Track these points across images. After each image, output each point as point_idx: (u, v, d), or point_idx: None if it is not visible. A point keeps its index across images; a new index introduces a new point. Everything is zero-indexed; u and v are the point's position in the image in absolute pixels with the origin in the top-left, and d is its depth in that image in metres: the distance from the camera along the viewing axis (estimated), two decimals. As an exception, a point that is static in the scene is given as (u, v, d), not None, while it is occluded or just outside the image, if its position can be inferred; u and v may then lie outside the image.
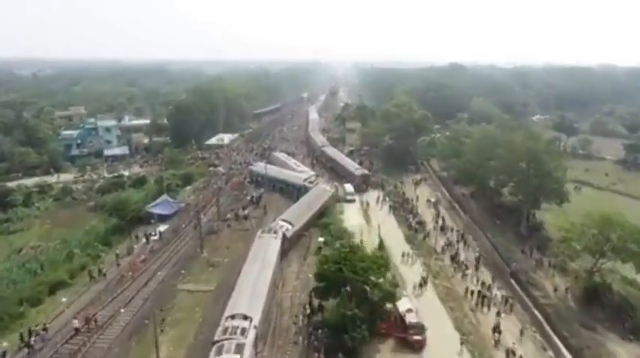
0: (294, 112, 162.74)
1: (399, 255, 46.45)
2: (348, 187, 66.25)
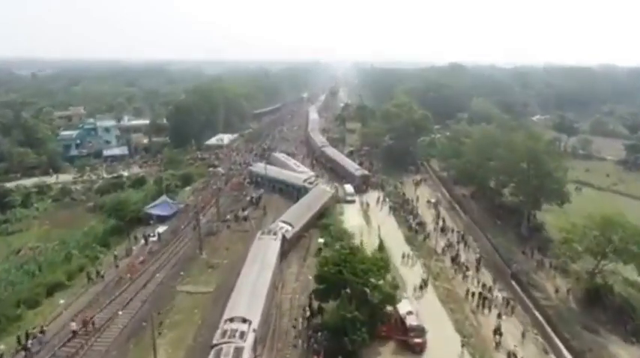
0: (294, 112, 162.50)
1: (399, 256, 46.19)
2: (348, 188, 66.01)
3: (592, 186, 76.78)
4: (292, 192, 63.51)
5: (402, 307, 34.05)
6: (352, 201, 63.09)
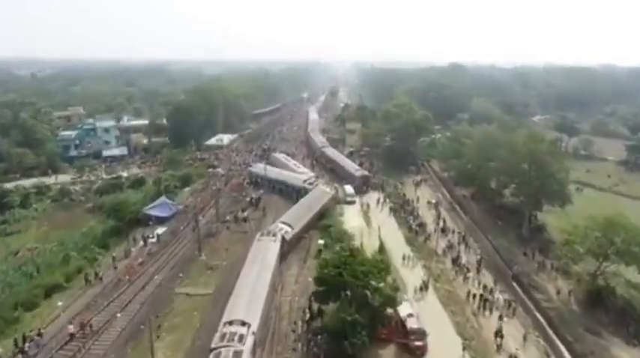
0: (294, 113, 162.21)
1: (399, 257, 45.89)
2: (348, 189, 65.70)
3: (593, 187, 76.51)
4: (292, 193, 63.22)
5: (403, 309, 33.76)
6: (352, 202, 62.77)
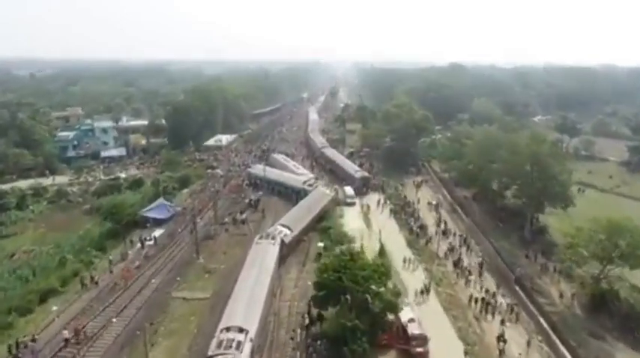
0: (294, 113, 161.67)
1: (400, 260, 45.31)
2: (348, 190, 65.09)
3: (595, 188, 75.75)
4: (291, 195, 62.62)
5: (404, 314, 33.11)
6: (352, 204, 62.17)
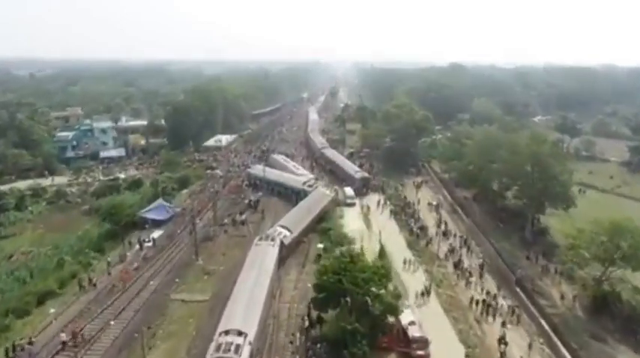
0: (294, 113, 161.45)
1: (400, 261, 45.00)
2: (348, 191, 64.79)
3: (596, 189, 75.44)
4: (291, 195, 62.34)
5: (405, 317, 32.77)
6: (352, 205, 61.87)
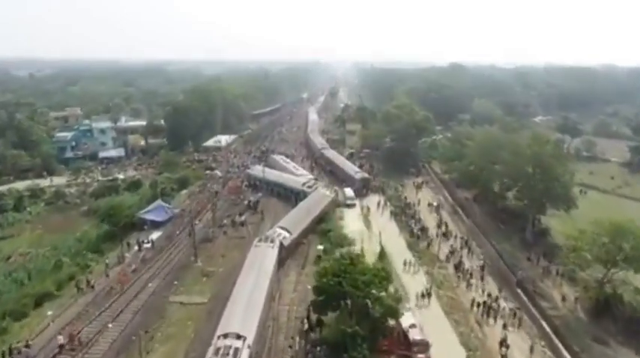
0: (294, 113, 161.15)
1: (400, 263, 44.72)
2: (348, 191, 64.46)
3: (597, 189, 75.11)
4: (291, 196, 62.02)
5: (405, 320, 32.46)
6: (352, 205, 61.54)
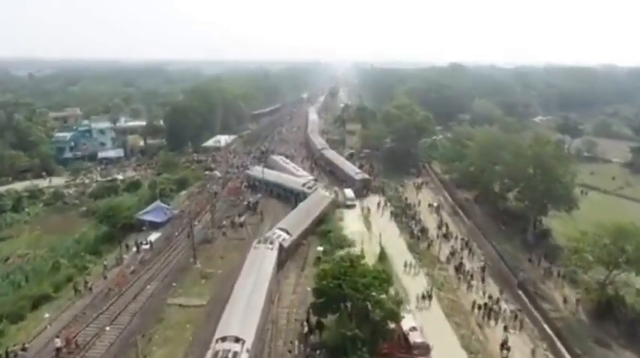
0: (294, 113, 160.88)
1: (401, 264, 44.36)
2: (348, 192, 64.10)
3: (598, 190, 74.75)
4: (290, 197, 61.69)
5: (406, 323, 32.10)
6: (352, 206, 61.18)
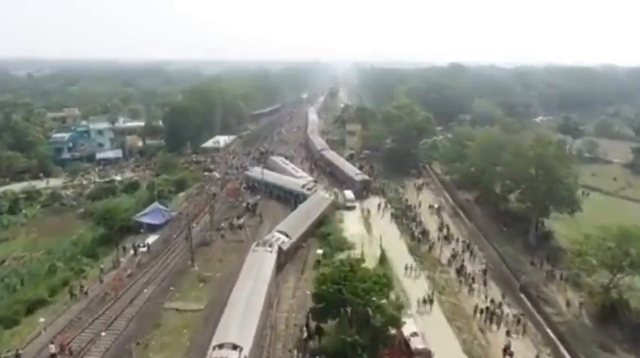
0: (294, 113, 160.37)
1: (401, 267, 43.72)
2: (348, 194, 63.43)
3: (600, 191, 74.22)
4: (290, 199, 61.10)
5: (407, 328, 31.46)
6: (352, 208, 60.53)
